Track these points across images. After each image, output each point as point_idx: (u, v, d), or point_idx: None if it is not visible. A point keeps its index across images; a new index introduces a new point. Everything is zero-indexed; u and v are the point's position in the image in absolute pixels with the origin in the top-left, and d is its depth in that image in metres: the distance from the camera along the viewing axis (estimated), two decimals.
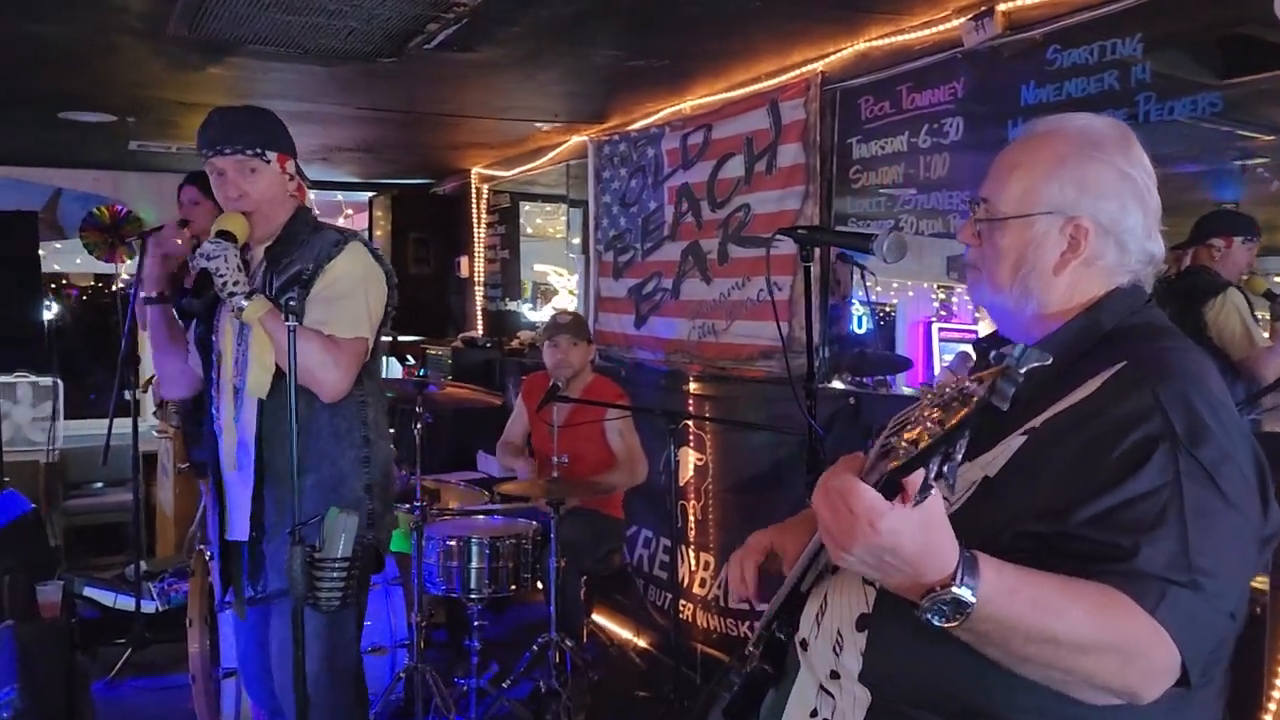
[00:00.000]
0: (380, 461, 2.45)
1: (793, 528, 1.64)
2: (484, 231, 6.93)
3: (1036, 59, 2.81)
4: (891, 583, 1.12)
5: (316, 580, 1.95)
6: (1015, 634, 1.10)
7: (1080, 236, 1.32)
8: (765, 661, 1.53)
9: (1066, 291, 1.34)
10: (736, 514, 4.07)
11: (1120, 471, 1.15)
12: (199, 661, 3.60)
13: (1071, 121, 1.38)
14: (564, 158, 5.63)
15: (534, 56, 3.64)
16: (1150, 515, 1.13)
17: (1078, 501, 1.16)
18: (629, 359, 4.82)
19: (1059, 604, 1.10)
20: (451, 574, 3.51)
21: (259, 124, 2.40)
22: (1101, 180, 1.31)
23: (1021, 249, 1.34)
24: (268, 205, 2.37)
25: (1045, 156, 1.34)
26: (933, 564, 1.07)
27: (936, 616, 1.09)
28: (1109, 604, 1.11)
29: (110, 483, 6.44)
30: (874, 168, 3.47)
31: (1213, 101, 2.40)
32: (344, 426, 2.36)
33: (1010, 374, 0.92)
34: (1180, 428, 1.16)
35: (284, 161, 2.40)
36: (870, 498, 1.03)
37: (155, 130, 5.12)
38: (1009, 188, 1.35)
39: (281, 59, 3.54)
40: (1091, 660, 1.11)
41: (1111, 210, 1.31)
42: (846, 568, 1.12)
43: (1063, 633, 1.09)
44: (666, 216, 4.53)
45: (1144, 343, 1.29)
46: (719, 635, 4.10)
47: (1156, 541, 1.12)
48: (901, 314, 11.33)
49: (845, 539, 1.06)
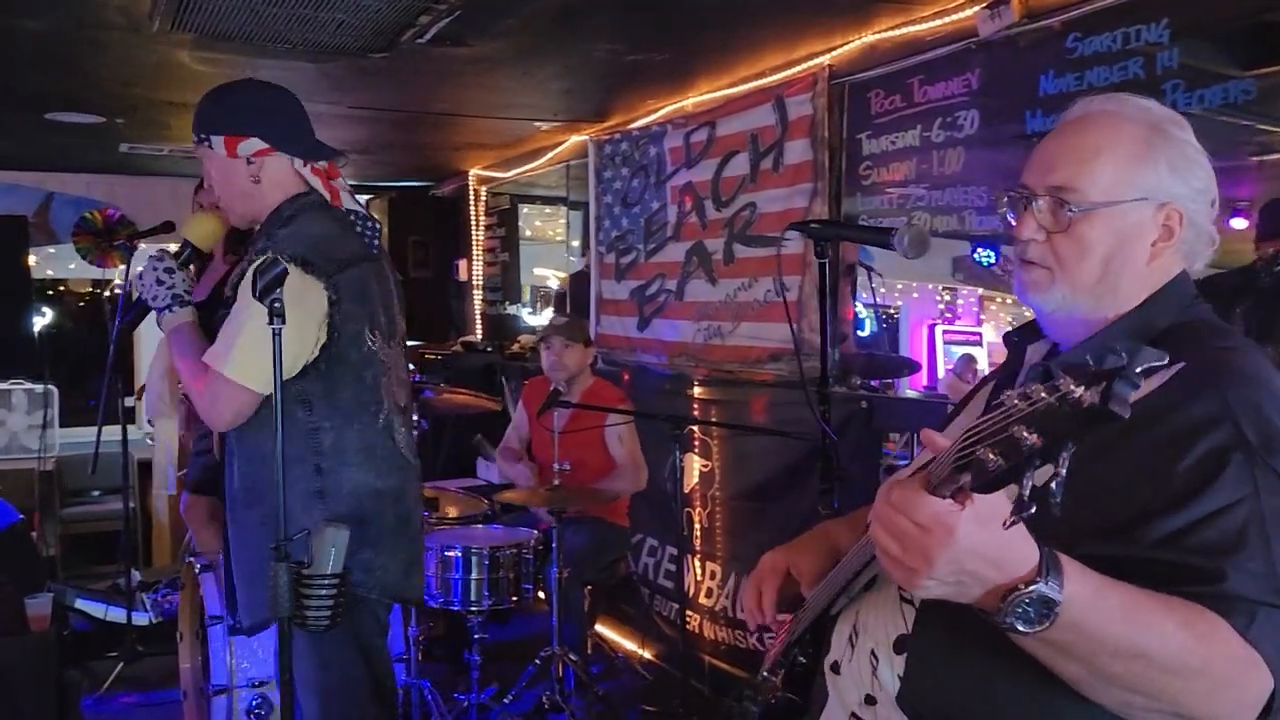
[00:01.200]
0: (344, 493, 2.11)
1: (807, 545, 1.55)
2: (483, 234, 6.84)
3: (1055, 48, 2.70)
4: (973, 593, 1.00)
5: (305, 598, 1.84)
6: (1103, 646, 0.99)
7: (1174, 223, 1.22)
8: (790, 690, 1.44)
9: (1153, 279, 1.24)
10: (744, 522, 3.96)
11: (1191, 485, 1.06)
12: (190, 677, 3.51)
13: (1132, 101, 1.27)
14: (564, 158, 5.53)
15: (530, 51, 3.54)
16: (1231, 534, 1.04)
17: (1146, 519, 1.06)
18: (631, 362, 4.72)
19: (1150, 615, 1.00)
20: (450, 585, 3.40)
21: (205, 104, 2.14)
22: (1186, 161, 1.22)
23: (1116, 240, 1.22)
24: (226, 193, 2.14)
25: (1127, 138, 1.23)
26: (1015, 558, 0.97)
27: (1020, 621, 0.98)
28: (1198, 622, 1.00)
29: (107, 490, 6.35)
30: (885, 163, 3.36)
31: (1246, 89, 2.29)
32: (291, 454, 1.99)
33: (1130, 376, 0.81)
34: (1254, 436, 1.07)
35: (231, 145, 2.07)
36: (937, 503, 0.94)
37: (145, 132, 5.02)
38: (1097, 173, 1.22)
39: (269, 55, 3.43)
40: (1181, 684, 1.01)
41: (1189, 193, 1.22)
42: (928, 595, 1.01)
43: (1155, 649, 0.99)
44: (670, 216, 4.43)
45: (1203, 343, 1.18)
46: (727, 647, 3.99)
47: (1242, 564, 1.03)
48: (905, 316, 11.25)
49: (919, 559, 0.96)
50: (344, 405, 2.14)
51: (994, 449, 0.87)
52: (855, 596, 1.35)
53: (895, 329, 10.06)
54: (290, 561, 1.81)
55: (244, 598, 2.22)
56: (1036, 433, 0.84)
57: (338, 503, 2.11)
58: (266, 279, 1.79)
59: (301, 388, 2.10)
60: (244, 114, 2.12)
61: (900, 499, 0.97)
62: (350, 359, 2.13)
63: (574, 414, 3.80)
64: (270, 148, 2.11)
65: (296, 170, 2.15)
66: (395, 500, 2.23)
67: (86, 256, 6.50)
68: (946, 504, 0.94)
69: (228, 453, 2.21)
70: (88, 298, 7.83)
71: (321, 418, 2.11)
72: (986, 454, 0.88)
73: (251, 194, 2.13)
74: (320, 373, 2.10)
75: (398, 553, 2.24)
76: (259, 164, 2.11)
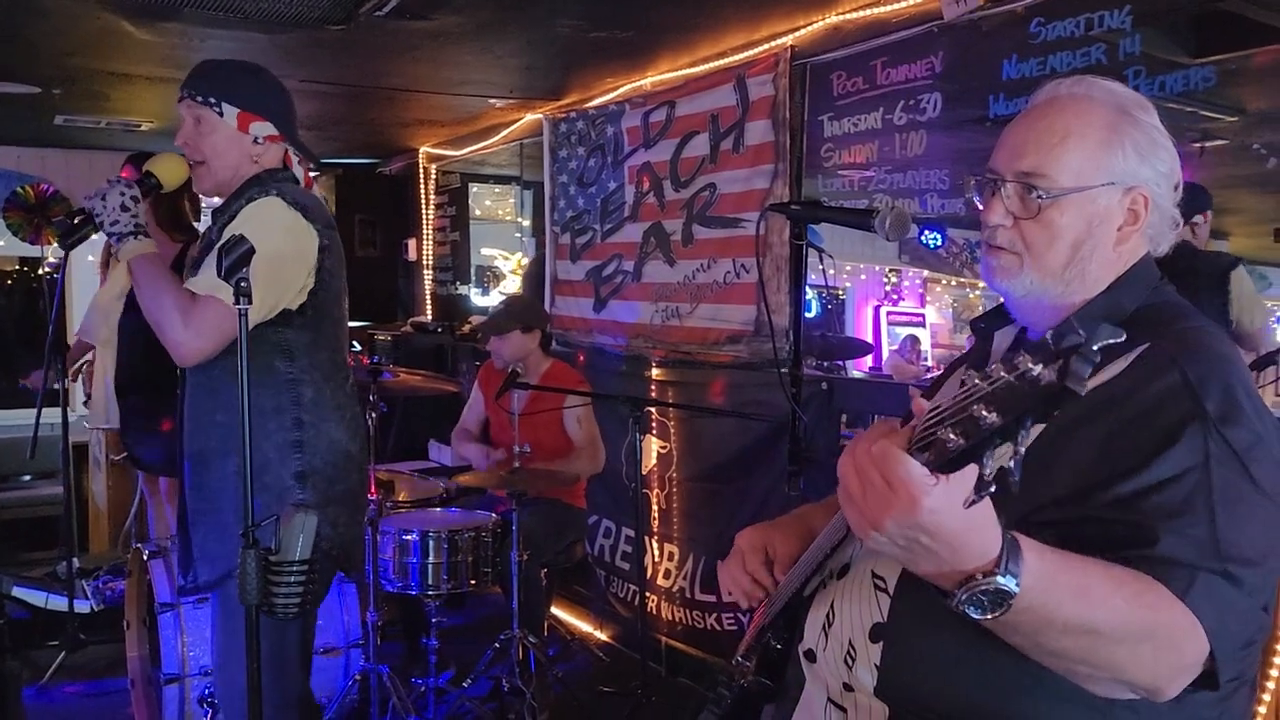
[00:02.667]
0: (321, 448, 2.16)
1: (782, 527, 1.54)
2: (433, 213, 6.73)
3: (1019, 32, 2.72)
4: (921, 568, 1.00)
5: (273, 585, 1.78)
6: (1052, 625, 1.01)
7: (1139, 207, 1.24)
8: (763, 674, 1.43)
9: (1118, 263, 1.26)
10: (702, 503, 3.97)
11: (1147, 453, 1.08)
12: (138, 666, 3.42)
13: (1099, 84, 1.27)
14: (517, 136, 5.45)
15: (492, 26, 3.47)
16: (1177, 500, 1.06)
17: (1101, 485, 1.08)
18: (587, 344, 4.68)
19: (1101, 591, 1.01)
20: (408, 570, 3.36)
21: (223, 73, 2.18)
22: (1152, 144, 1.23)
23: (1084, 225, 1.23)
24: (218, 161, 2.15)
25: (1095, 122, 1.23)
26: (974, 549, 0.97)
27: (973, 608, 0.98)
28: (1145, 590, 1.02)
29: (39, 475, 6.16)
30: (846, 145, 3.36)
31: (1206, 76, 2.33)
32: (270, 405, 2.08)
33: (1086, 353, 0.80)
34: (1211, 407, 1.09)
35: (246, 121, 2.14)
36: (914, 469, 0.92)
37: (83, 104, 4.84)
38: (1066, 159, 1.22)
39: (219, 24, 3.32)
40: (1126, 651, 1.03)
41: (1154, 176, 1.24)
42: (873, 547, 1.00)
43: (1104, 624, 1.00)
44: (627, 197, 4.39)
45: (1168, 324, 1.20)
46: (684, 628, 4.00)
47: (1182, 528, 1.05)
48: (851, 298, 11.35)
49: (877, 513, 0.95)
50: (323, 363, 2.19)
51: (954, 428, 0.87)
52: (829, 583, 1.34)
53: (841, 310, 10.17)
54: (259, 548, 1.75)
55: (205, 550, 2.17)
56: (995, 411, 0.84)
57: (314, 455, 2.15)
58: (232, 258, 1.73)
59: (285, 337, 2.13)
60: (264, 99, 2.19)
61: (880, 452, 0.94)
62: (333, 315, 2.20)
63: (532, 396, 3.76)
64: (281, 136, 2.21)
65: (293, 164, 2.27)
66: (359, 467, 2.30)
67: (18, 233, 6.26)
68: (923, 472, 0.92)
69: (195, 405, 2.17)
70: (14, 276, 7.55)
71: (302, 371, 2.15)
72: (947, 433, 0.88)
73: (241, 166, 2.18)
74: (306, 321, 2.14)
75: (354, 519, 2.31)
76: (264, 147, 2.19)
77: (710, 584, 3.88)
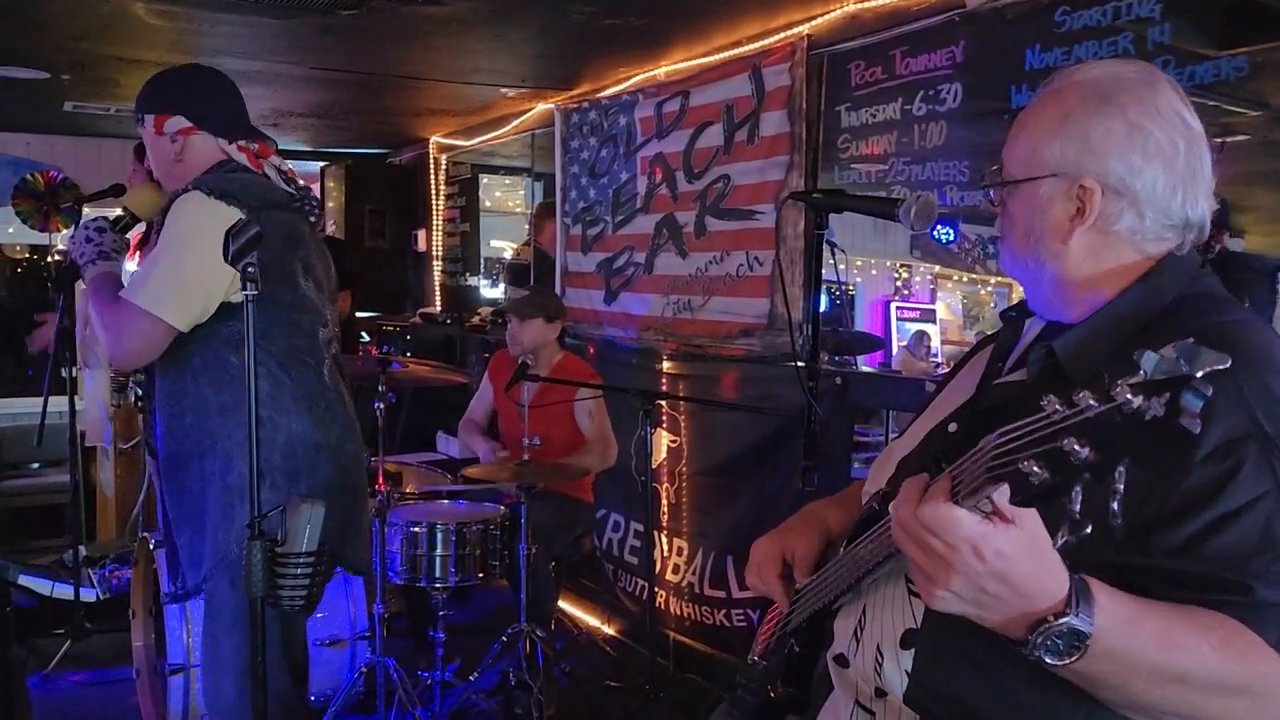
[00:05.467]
0: (279, 442, 2.10)
1: (796, 530, 1.49)
2: (443, 204, 6.69)
3: (1043, 20, 2.67)
4: (993, 619, 0.96)
5: (279, 578, 1.75)
6: (1136, 674, 0.95)
7: (1086, 199, 1.16)
8: (787, 679, 1.39)
9: (1084, 259, 1.19)
10: (712, 498, 3.93)
11: (1207, 483, 0.99)
12: (143, 655, 3.40)
13: (1086, 71, 1.21)
14: (528, 127, 5.41)
15: (505, 12, 3.42)
16: (1254, 535, 0.98)
17: (1163, 523, 1.00)
18: (598, 336, 4.65)
19: (1186, 637, 0.95)
20: (416, 562, 3.33)
21: (148, 87, 2.25)
22: (1109, 137, 1.15)
23: (1029, 215, 1.21)
24: (157, 169, 2.22)
25: (1050, 114, 1.19)
26: (1044, 589, 0.92)
27: (1049, 654, 0.93)
28: (1232, 637, 0.96)
29: (47, 463, 6.14)
30: (864, 137, 3.31)
31: (1238, 66, 2.27)
32: (230, 401, 2.07)
33: (1197, 384, 0.74)
34: (1270, 426, 1.01)
35: (159, 123, 2.18)
36: (970, 521, 0.88)
37: (93, 90, 4.81)
38: (1016, 149, 1.22)
39: (228, 9, 3.28)
40: (1220, 703, 0.97)
41: (1119, 170, 1.15)
42: (942, 608, 0.96)
43: (1193, 672, 0.95)
44: (639, 188, 4.35)
45: (1209, 315, 1.13)
46: (692, 623, 3.97)
47: (1269, 567, 0.98)
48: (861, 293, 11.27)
49: (947, 576, 0.91)
50: (279, 351, 2.13)
51: (1039, 460, 0.81)
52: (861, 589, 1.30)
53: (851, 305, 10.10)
54: (265, 539, 1.72)
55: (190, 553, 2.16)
56: (1090, 446, 0.77)
57: (272, 450, 2.09)
58: (240, 242, 1.69)
59: (234, 328, 2.06)
60: (173, 94, 2.21)
61: (931, 517, 0.91)
62: (283, 299, 2.13)
63: (542, 388, 3.72)
64: (193, 126, 2.20)
65: (222, 148, 2.22)
66: (334, 454, 2.21)
67: (27, 220, 6.25)
68: (977, 522, 0.88)
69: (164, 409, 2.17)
70: (25, 263, 7.54)
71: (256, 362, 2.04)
72: (1030, 465, 0.81)
73: (173, 168, 2.21)
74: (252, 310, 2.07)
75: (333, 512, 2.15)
76: (181, 141, 2.20)
77: (719, 580, 3.84)
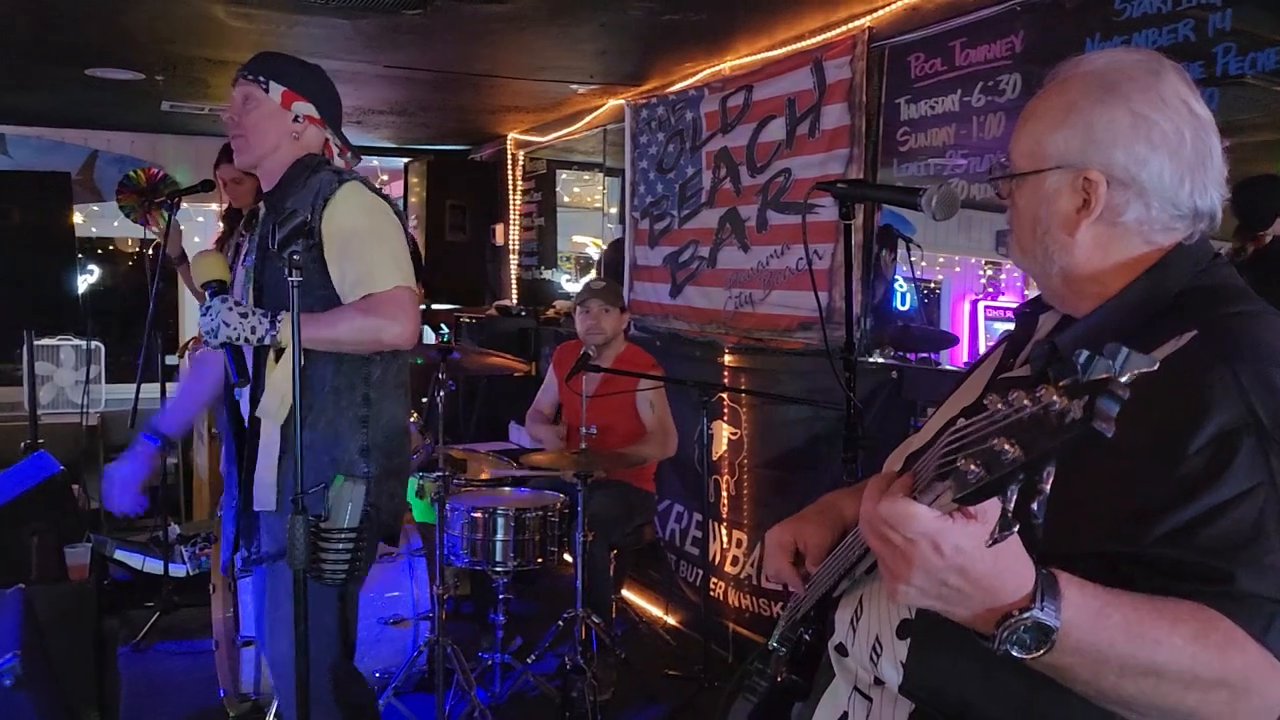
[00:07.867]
0: (383, 423, 2.25)
1: (811, 519, 1.49)
2: (520, 199, 6.82)
3: (1103, 9, 2.61)
4: (960, 613, 0.96)
5: (321, 552, 1.85)
6: (1107, 666, 0.95)
7: (1091, 191, 1.15)
8: (795, 671, 1.41)
9: (1092, 251, 1.17)
10: (771, 491, 3.94)
11: (1199, 473, 0.98)
12: (222, 628, 3.56)
13: (1091, 62, 1.19)
14: (601, 122, 5.48)
15: (565, 8, 3.49)
16: (1245, 527, 0.97)
17: (1152, 512, 0.99)
18: (664, 329, 4.69)
19: (1157, 629, 0.94)
20: (476, 546, 3.43)
21: (277, 60, 2.29)
22: (1113, 127, 1.13)
23: (1036, 208, 1.19)
24: (255, 135, 2.22)
25: (1055, 105, 1.18)
26: (1008, 583, 0.92)
27: (1016, 648, 0.94)
28: (1210, 629, 0.95)
29: None
30: (923, 129, 3.28)
31: None
32: (344, 383, 2.19)
33: (1113, 388, 0.73)
34: (1267, 418, 0.99)
35: (289, 99, 2.24)
36: (926, 517, 0.89)
37: (185, 90, 5.05)
38: (1021, 142, 1.20)
39: (304, 10, 3.42)
40: (1197, 697, 0.96)
41: (1124, 160, 1.13)
42: (908, 602, 0.97)
43: (1166, 665, 0.94)
44: (704, 182, 4.38)
45: (1216, 307, 1.11)
46: (751, 614, 3.98)
47: (1257, 558, 0.96)
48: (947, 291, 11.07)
49: (906, 569, 0.92)
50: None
51: (975, 459, 0.81)
52: (859, 579, 1.32)
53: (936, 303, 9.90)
54: (308, 515, 1.81)
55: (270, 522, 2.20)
56: (1018, 446, 0.77)
57: (377, 431, 2.23)
58: (286, 230, 1.79)
59: None
60: (309, 83, 2.28)
61: (889, 512, 0.91)
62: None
63: (604, 378, 3.78)
64: (320, 119, 2.29)
65: (329, 145, 2.33)
66: (408, 437, 2.38)
67: (130, 215, 6.58)
68: (935, 517, 0.88)
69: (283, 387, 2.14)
70: (135, 257, 7.94)
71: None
72: (968, 464, 0.82)
73: (280, 145, 2.25)
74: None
75: (395, 493, 2.36)
76: (304, 126, 2.26)
77: None
